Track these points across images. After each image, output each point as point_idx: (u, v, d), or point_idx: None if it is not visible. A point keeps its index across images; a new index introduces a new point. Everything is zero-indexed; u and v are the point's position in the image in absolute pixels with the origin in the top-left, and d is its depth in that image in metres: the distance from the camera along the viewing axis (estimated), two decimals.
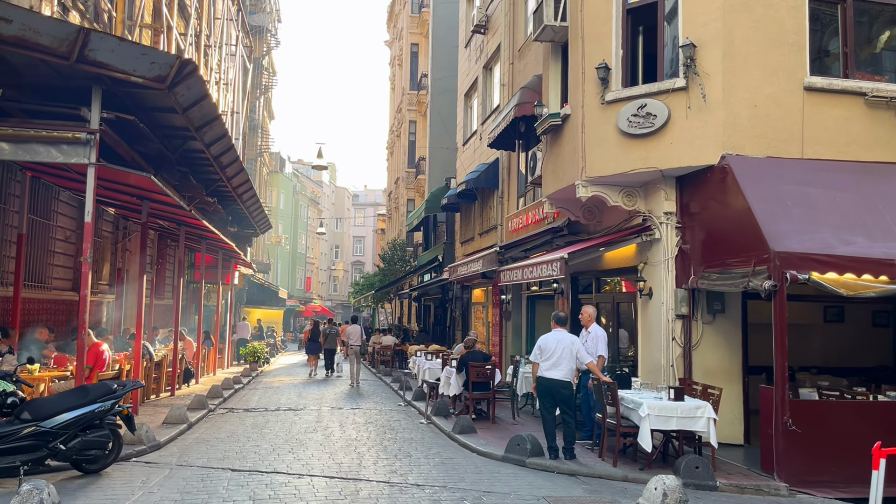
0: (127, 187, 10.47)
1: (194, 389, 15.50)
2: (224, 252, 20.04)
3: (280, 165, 57.47)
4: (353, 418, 11.70)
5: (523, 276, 11.61)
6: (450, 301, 24.47)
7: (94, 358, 9.93)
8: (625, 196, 10.27)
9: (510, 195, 17.66)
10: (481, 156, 20.45)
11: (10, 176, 10.78)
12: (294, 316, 54.54)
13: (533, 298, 16.34)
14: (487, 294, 20.12)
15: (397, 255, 32.69)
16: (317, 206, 73.24)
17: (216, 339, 20.76)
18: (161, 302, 20.96)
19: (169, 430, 9.63)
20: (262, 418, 11.46)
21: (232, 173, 14.58)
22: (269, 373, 22.46)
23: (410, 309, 35.11)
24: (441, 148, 27.16)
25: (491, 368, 11.01)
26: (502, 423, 10.97)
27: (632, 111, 9.64)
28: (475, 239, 20.84)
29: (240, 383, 17.33)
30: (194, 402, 12.13)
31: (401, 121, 36.78)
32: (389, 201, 43.23)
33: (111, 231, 16.37)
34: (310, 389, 16.86)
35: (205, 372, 19.33)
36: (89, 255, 8.47)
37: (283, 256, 56.71)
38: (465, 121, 23.47)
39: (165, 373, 14.33)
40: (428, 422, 11.36)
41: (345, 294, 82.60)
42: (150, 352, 13.31)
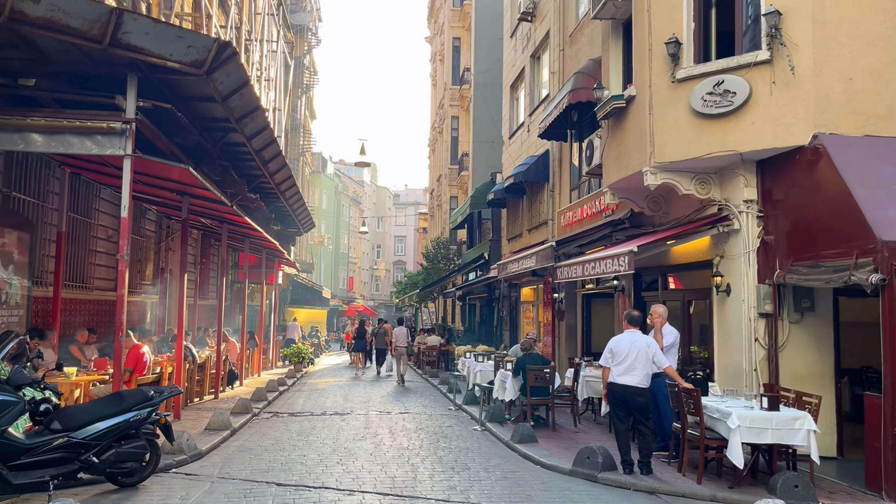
0: (166, 182, 10.01)
1: (238, 392, 15.09)
2: (268, 251, 19.67)
3: (322, 166, 57.50)
4: (402, 424, 11.05)
5: (584, 272, 10.79)
6: (497, 300, 23.69)
7: (134, 360, 9.49)
8: (698, 183, 9.37)
9: (562, 188, 16.81)
10: (529, 148, 19.63)
11: (49, 172, 10.44)
12: (337, 316, 54.47)
13: (588, 297, 15.47)
14: (538, 292, 19.28)
15: (441, 253, 32.03)
16: (358, 205, 73.23)
17: (260, 339, 20.41)
18: (205, 302, 20.71)
19: (211, 437, 9.11)
20: (308, 424, 10.90)
21: (274, 168, 14.08)
22: (313, 374, 22.05)
23: (454, 308, 34.43)
24: (487, 141, 26.41)
25: (550, 372, 10.22)
26: (563, 431, 10.18)
27: (707, 89, 8.74)
28: (523, 235, 20.03)
29: (284, 385, 16.89)
30: (238, 405, 11.65)
31: (443, 117, 36.14)
32: (431, 199, 42.64)
33: (154, 230, 16.09)
34: (356, 391, 16.31)
35: (249, 373, 18.99)
36: (126, 251, 7.98)
37: (325, 256, 56.73)
38: (511, 113, 22.66)
39: (209, 375, 13.93)
40: (482, 428, 10.64)
41: (387, 293, 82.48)
42: (192, 353, 12.90)
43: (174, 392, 7.01)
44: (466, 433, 10.32)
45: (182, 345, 10.73)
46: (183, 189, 10.48)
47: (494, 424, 10.67)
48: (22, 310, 8.95)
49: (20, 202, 9.47)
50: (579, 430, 10.25)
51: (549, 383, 10.23)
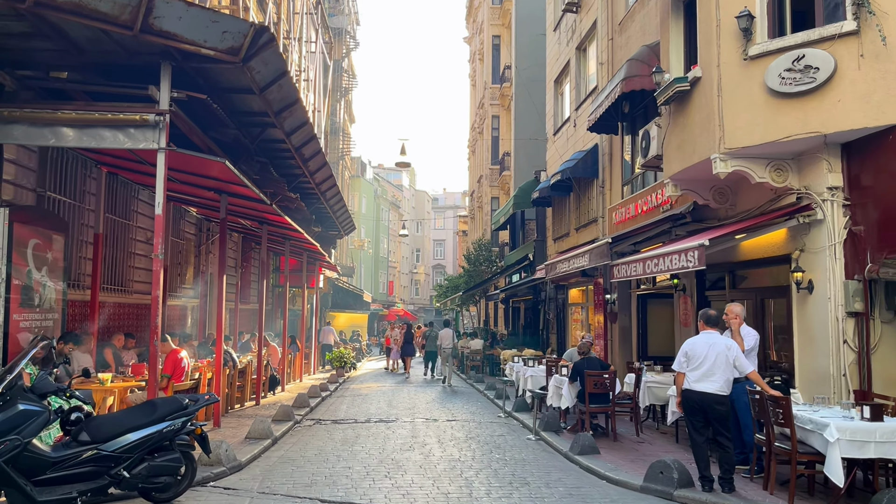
0: (203, 179, 9.60)
1: (280, 398, 14.69)
2: (308, 254, 19.31)
3: (361, 170, 57.47)
4: (451, 433, 10.43)
5: (645, 270, 10.02)
6: (542, 302, 22.92)
7: (171, 366, 9.09)
8: (773, 170, 8.54)
9: (613, 184, 16.01)
10: (576, 144, 18.87)
11: (86, 172, 10.15)
12: (377, 320, 54.22)
13: (644, 297, 14.64)
14: (587, 294, 18.49)
15: (482, 255, 31.35)
16: (397, 209, 73.07)
17: (302, 344, 20.05)
18: (246, 306, 20.47)
19: (251, 446, 8.63)
20: (353, 432, 10.36)
21: (314, 167, 13.65)
22: (355, 379, 21.61)
23: (497, 311, 33.70)
24: (531, 138, 25.71)
25: (611, 378, 9.49)
26: (625, 441, 9.43)
27: (785, 65, 7.94)
28: (570, 235, 19.25)
29: (327, 390, 16.45)
30: (279, 412, 11.19)
31: (483, 117, 35.52)
32: (472, 201, 42.02)
33: (194, 233, 15.83)
34: (400, 397, 15.76)
35: (291, 378, 18.62)
36: (161, 251, 7.56)
37: (366, 260, 56.60)
38: (556, 109, 21.91)
39: (250, 380, 13.54)
40: (536, 438, 9.95)
41: (426, 297, 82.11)
42: (233, 358, 12.51)
43: (211, 400, 6.52)
44: (520, 443, 9.65)
45: (221, 350, 10.31)
46: (221, 187, 10.07)
47: (549, 433, 9.98)
48: (57, 313, 8.61)
49: (55, 202, 9.17)
50: (643, 441, 9.49)
51: (609, 390, 9.50)
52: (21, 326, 7.69)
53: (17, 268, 7.55)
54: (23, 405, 5.04)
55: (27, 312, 7.84)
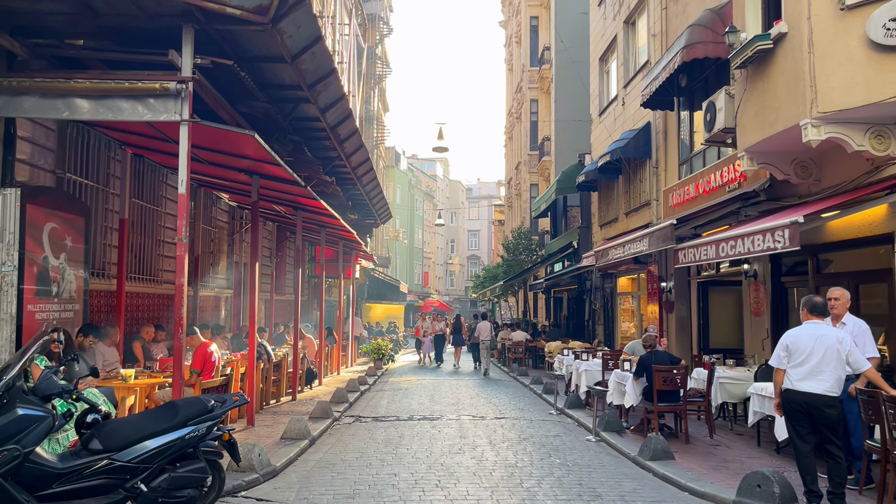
0: (233, 159, 8.87)
1: (317, 392, 14.01)
2: (345, 242, 18.61)
3: (395, 160, 56.80)
4: (502, 433, 9.58)
5: (719, 252, 8.97)
6: (588, 292, 21.90)
7: (201, 361, 8.41)
8: (873, 137, 7.46)
9: (668, 164, 14.92)
10: (625, 123, 17.78)
11: (110, 154, 9.51)
12: (413, 311, 53.63)
13: (705, 285, 13.56)
14: (638, 282, 17.44)
15: (522, 244, 30.35)
16: (431, 199, 72.34)
17: (339, 335, 19.40)
18: (282, 297, 19.89)
19: (287, 448, 7.91)
20: (396, 431, 9.59)
21: (351, 149, 12.88)
22: (394, 371, 20.91)
23: (536, 302, 32.70)
24: (572, 121, 24.60)
25: (682, 374, 8.52)
26: (698, 444, 8.46)
27: (890, 14, 6.86)
28: (619, 220, 18.19)
29: (365, 384, 15.75)
30: (317, 409, 10.48)
31: (521, 101, 34.44)
32: (509, 189, 41.00)
33: (227, 221, 15.22)
34: (442, 391, 14.97)
35: (328, 371, 17.98)
36: (185, 234, 6.84)
37: (401, 251, 56.02)
38: (601, 88, 20.79)
39: (286, 374, 12.87)
40: (597, 439, 9.04)
41: (461, 289, 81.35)
42: (268, 351, 11.85)
43: (240, 402, 5.76)
44: (580, 445, 8.75)
45: (254, 342, 9.61)
46: (252, 167, 9.33)
47: (610, 434, 9.06)
48: (78, 304, 7.98)
49: (75, 185, 8.53)
50: (718, 444, 8.51)
51: (679, 386, 8.53)
52: (37, 318, 7.06)
53: (31, 254, 6.91)
54: (22, 409, 4.33)
55: (44, 302, 7.20)
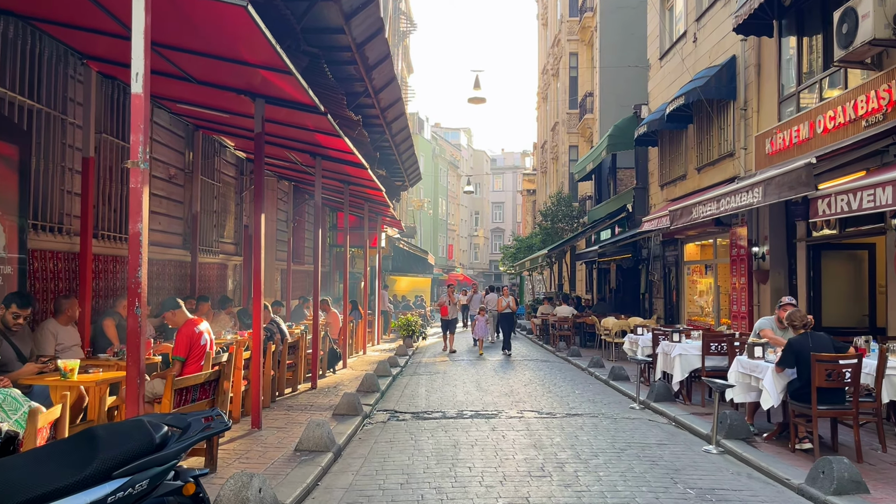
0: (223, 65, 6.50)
1: (342, 377, 11.80)
2: (370, 205, 16.28)
3: (419, 127, 54.18)
4: (585, 439, 7.25)
5: (895, 197, 6.47)
6: (645, 261, 19.39)
7: (186, 344, 6.15)
8: None
9: (762, 104, 12.32)
10: (696, 63, 15.15)
11: (69, 72, 7.20)
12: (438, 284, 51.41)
13: (818, 248, 11.02)
14: (715, 248, 14.92)
15: (562, 210, 27.78)
16: (456, 170, 69.73)
17: (364, 310, 17.17)
18: (300, 267, 17.69)
19: (303, 469, 5.64)
20: (446, 436, 7.30)
21: (380, 82, 10.48)
22: (425, 350, 18.67)
23: (574, 274, 30.19)
24: (628, 66, 21.89)
25: (856, 366, 6.09)
26: (877, 462, 6.06)
27: None
28: (689, 176, 15.63)
29: (397, 366, 13.52)
30: (342, 403, 8.23)
31: (558, 55, 31.63)
32: (543, 154, 38.30)
33: (234, 176, 12.93)
34: (487, 376, 12.68)
35: (353, 350, 15.80)
36: (143, 156, 4.52)
37: (425, 222, 53.71)
38: (662, 28, 18.07)
39: (304, 357, 10.65)
40: (719, 450, 6.68)
41: (486, 262, 78.99)
42: (281, 330, 9.62)
43: (215, 429, 3.38)
44: (701, 460, 6.39)
45: (261, 319, 7.34)
46: (253, 85, 6.98)
47: (735, 443, 6.70)
48: (9, 266, 5.71)
49: (12, 106, 6.23)
50: None
51: (849, 383, 6.11)
52: None
53: None
54: None
55: None
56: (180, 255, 10.26)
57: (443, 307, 18.07)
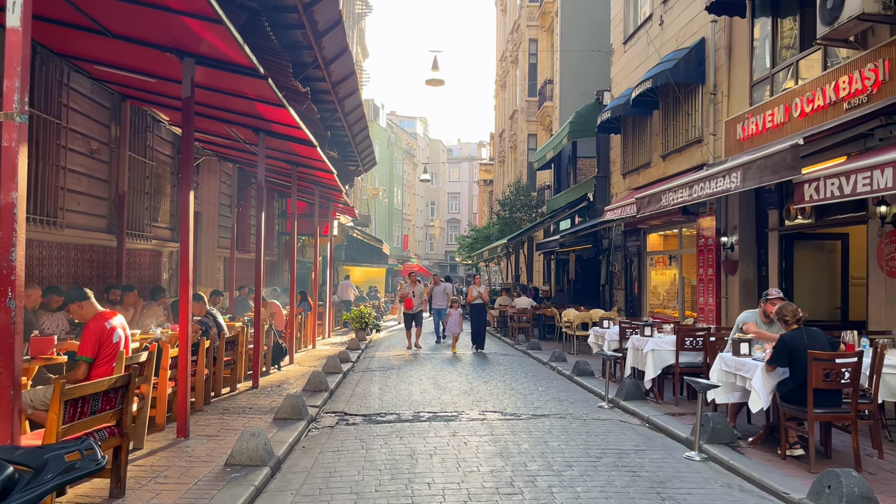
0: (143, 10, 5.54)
1: (288, 374, 10.88)
2: (321, 190, 15.32)
3: (374, 114, 52.99)
4: (554, 444, 6.56)
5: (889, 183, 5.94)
6: (605, 252, 18.92)
7: (94, 342, 5.20)
8: None
9: (732, 88, 11.84)
10: (663, 47, 14.63)
11: None
12: (393, 275, 50.46)
13: (790, 238, 10.59)
14: (680, 239, 14.47)
15: (520, 200, 27.19)
16: (412, 159, 68.73)
17: (314, 301, 16.22)
18: (245, 255, 16.63)
19: (231, 490, 4.78)
20: (401, 443, 6.51)
21: (331, 53, 9.58)
22: (379, 343, 17.84)
23: (532, 265, 29.70)
24: (591, 50, 21.32)
25: (855, 366, 5.52)
26: (875, 470, 5.52)
27: None
28: (653, 164, 15.14)
29: (348, 361, 12.67)
30: (285, 405, 7.36)
31: (517, 42, 31.00)
32: (501, 143, 37.70)
33: (170, 154, 11.83)
34: (445, 372, 11.93)
35: (302, 344, 14.86)
36: (19, 105, 3.57)
37: (380, 211, 52.68)
38: (627, 11, 17.53)
39: (244, 353, 9.70)
40: (702, 457, 6.07)
41: (441, 252, 78.29)
42: (218, 323, 8.66)
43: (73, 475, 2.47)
44: (685, 469, 5.76)
45: (188, 311, 6.40)
46: (181, 45, 6.02)
47: (719, 448, 6.11)
48: None
49: None
50: None
51: (846, 384, 5.54)
52: None
53: None
54: None
55: None
56: (104, 239, 9.19)
57: (406, 299, 16.17)
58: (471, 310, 16.09)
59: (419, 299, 16.23)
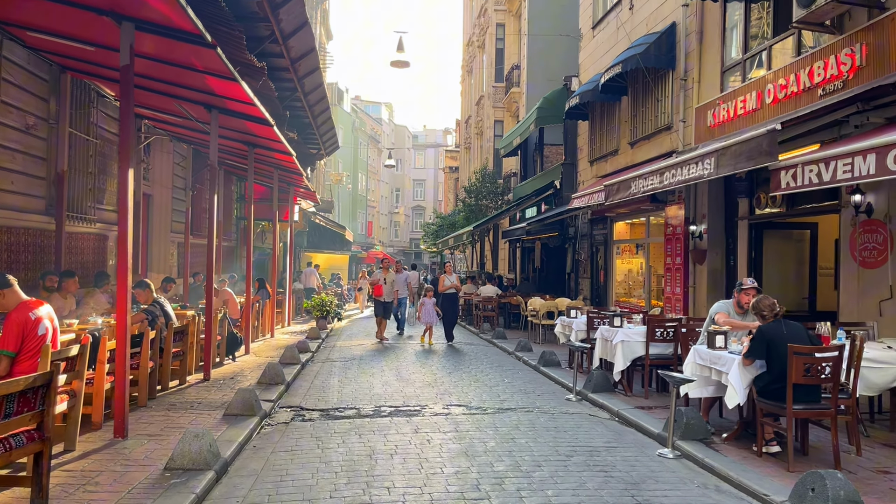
0: None
1: (243, 365, 10.37)
2: (281, 173, 14.71)
3: (338, 98, 52.00)
4: (522, 441, 6.25)
5: (862, 171, 5.71)
6: (571, 240, 18.71)
7: (16, 335, 4.67)
8: None
9: (703, 74, 11.63)
10: (634, 31, 14.38)
11: None
12: (356, 263, 49.79)
13: (760, 227, 10.43)
14: (647, 227, 14.29)
15: (486, 187, 26.86)
16: (376, 144, 67.79)
17: (273, 289, 15.65)
18: (200, 241, 15.95)
19: (169, 499, 4.33)
20: (359, 441, 6.11)
21: (290, 26, 9.09)
22: (341, 332, 17.36)
23: (497, 253, 29.46)
24: (560, 35, 20.98)
25: (836, 360, 5.29)
26: (854, 468, 5.31)
27: None
28: (621, 151, 14.92)
29: (307, 351, 12.19)
30: (236, 402, 6.89)
31: (484, 27, 30.56)
32: (466, 129, 37.29)
33: (118, 132, 11.09)
34: (408, 363, 11.57)
35: (259, 333, 14.32)
36: None
37: (343, 197, 51.83)
38: None
39: (196, 344, 9.17)
40: (675, 454, 5.82)
41: (406, 240, 77.70)
42: (165, 312, 8.11)
43: None
44: (659, 467, 5.50)
45: (127, 300, 5.88)
46: (118, 7, 5.46)
47: (693, 445, 5.86)
48: None
49: None
50: (889, 469, 5.37)
51: (827, 380, 5.31)
52: None
53: None
54: None
55: None
56: (42, 222, 8.54)
57: (377, 286, 15.21)
58: (443, 300, 15.04)
59: (390, 287, 15.24)
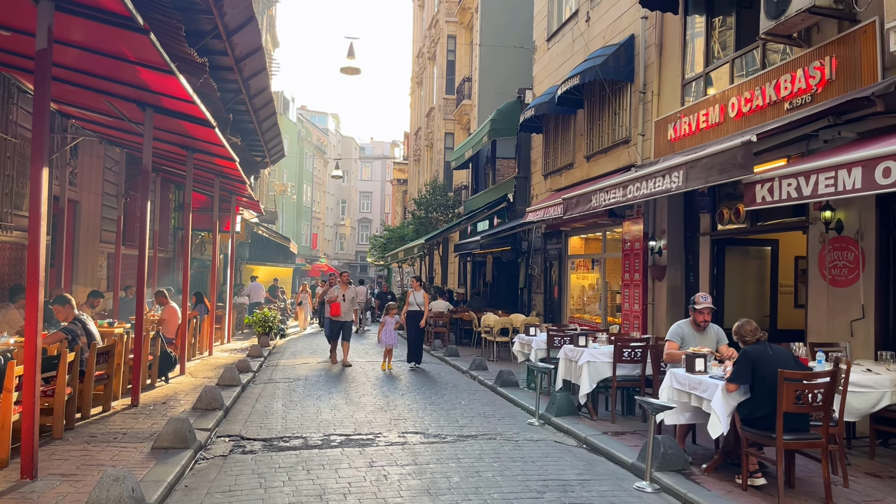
0: None
1: (177, 387, 9.50)
2: (222, 182, 13.85)
3: (284, 107, 50.84)
4: (488, 474, 5.70)
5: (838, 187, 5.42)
6: (525, 255, 18.36)
7: None
8: None
9: (663, 87, 11.44)
10: (590, 44, 14.18)
11: None
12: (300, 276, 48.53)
13: (722, 243, 10.22)
14: (604, 242, 14.02)
15: (437, 200, 26.37)
16: (323, 155, 66.65)
17: (212, 303, 14.72)
18: (134, 252, 14.88)
19: None
20: (307, 478, 5.45)
21: (235, 21, 8.51)
22: (284, 350, 16.49)
23: (446, 267, 28.97)
24: (514, 47, 20.71)
25: (829, 387, 4.94)
26: (846, 502, 4.96)
27: None
28: (577, 165, 14.66)
29: (248, 371, 11.37)
30: (167, 432, 6.11)
31: (435, 38, 30.22)
32: (416, 141, 36.80)
33: None
34: (358, 384, 10.89)
35: (197, 350, 13.37)
36: None
37: (288, 208, 50.58)
38: (551, 8, 17.05)
39: (123, 365, 8.30)
40: (654, 488, 5.37)
41: (352, 252, 76.58)
42: (87, 331, 7.26)
43: None
44: (631, 499, 5.02)
45: (37, 320, 5.09)
46: None
47: (672, 477, 5.45)
48: None
49: None
50: (882, 501, 5.04)
51: (820, 408, 4.96)
52: None
53: None
54: None
55: None
56: None
57: (333, 304, 13.14)
58: (407, 319, 13.62)
59: (349, 304, 13.32)
